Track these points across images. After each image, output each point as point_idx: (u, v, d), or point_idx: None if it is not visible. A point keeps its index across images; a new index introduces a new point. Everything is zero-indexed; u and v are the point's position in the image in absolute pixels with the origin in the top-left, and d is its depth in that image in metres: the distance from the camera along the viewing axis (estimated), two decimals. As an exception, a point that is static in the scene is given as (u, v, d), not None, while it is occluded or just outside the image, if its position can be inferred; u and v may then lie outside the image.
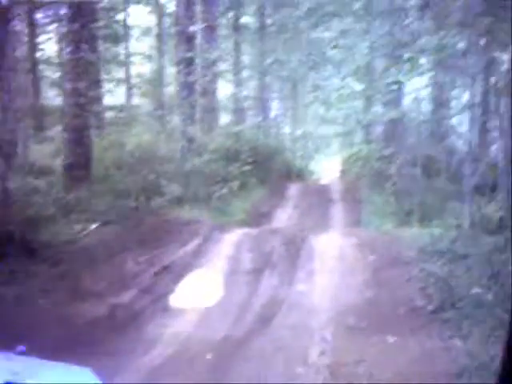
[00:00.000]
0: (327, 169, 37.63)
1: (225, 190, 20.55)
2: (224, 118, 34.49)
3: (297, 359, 9.96)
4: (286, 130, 39.91)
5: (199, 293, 13.20)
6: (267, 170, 26.50)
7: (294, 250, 15.37)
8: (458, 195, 18.51)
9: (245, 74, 34.59)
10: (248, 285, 13.54)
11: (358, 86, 28.46)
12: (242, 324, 11.64)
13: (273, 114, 39.03)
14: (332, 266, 14.41)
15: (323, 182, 32.52)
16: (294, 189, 26.64)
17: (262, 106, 34.72)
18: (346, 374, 9.43)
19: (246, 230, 17.65)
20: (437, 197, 19.90)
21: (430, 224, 17.89)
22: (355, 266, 14.22)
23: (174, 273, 14.09)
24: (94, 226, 17.01)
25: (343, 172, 33.36)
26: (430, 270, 13.05)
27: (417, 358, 9.84)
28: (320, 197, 25.00)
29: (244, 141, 26.57)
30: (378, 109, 28.18)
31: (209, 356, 10.12)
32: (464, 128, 22.47)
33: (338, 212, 22.46)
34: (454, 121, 25.37)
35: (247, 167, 24.03)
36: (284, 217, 21.75)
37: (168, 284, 13.54)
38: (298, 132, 38.29)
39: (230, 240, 16.31)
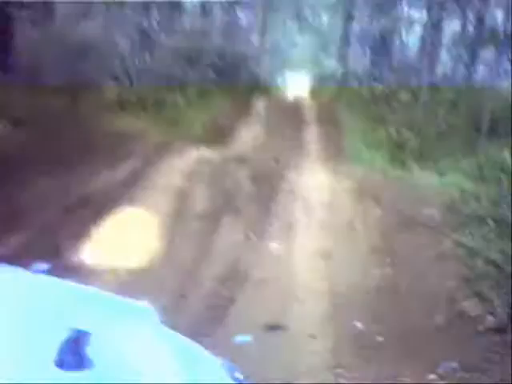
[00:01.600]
0: (297, 86, 32.38)
1: (179, 98, 15.00)
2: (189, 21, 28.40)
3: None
4: (255, 39, 34.01)
5: (124, 246, 7.96)
6: (231, 80, 21.02)
7: (267, 189, 10.29)
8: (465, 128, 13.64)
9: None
10: (198, 237, 8.47)
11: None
12: (179, 309, 6.53)
13: (242, 21, 33.06)
14: (321, 220, 9.41)
15: (293, 99, 27.30)
16: (260, 104, 21.33)
17: (231, 11, 28.66)
18: None
19: (202, 152, 12.43)
20: (438, 129, 14.96)
21: (436, 165, 13.00)
22: (356, 226, 9.21)
23: (92, 210, 8.84)
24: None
25: (315, 92, 28.09)
26: (470, 247, 8.11)
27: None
28: (291, 116, 19.73)
29: (209, 44, 20.95)
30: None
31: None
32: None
33: (314, 137, 17.18)
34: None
35: (209, 73, 18.54)
36: (250, 138, 16.46)
37: (80, 227, 8.31)
38: (267, 43, 32.52)
39: (180, 166, 11.11)
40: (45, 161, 10.03)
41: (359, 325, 6.64)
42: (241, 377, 2.37)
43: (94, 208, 8.87)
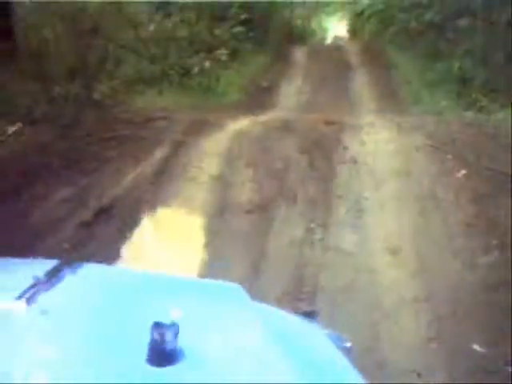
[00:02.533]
0: (333, 27, 30.11)
1: (207, 63, 13.04)
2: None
3: None
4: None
5: (158, 254, 6.22)
6: (264, 32, 18.94)
7: (323, 162, 8.40)
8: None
9: None
10: (248, 238, 6.71)
11: None
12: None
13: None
14: (397, 194, 7.50)
15: (333, 43, 25.15)
16: (299, 53, 19.28)
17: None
18: None
19: (240, 123, 10.57)
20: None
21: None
22: (442, 197, 7.29)
23: (118, 217, 7.13)
24: (12, 128, 10.04)
25: (353, 31, 25.81)
26: None
27: None
28: (334, 63, 17.67)
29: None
30: None
31: None
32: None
33: (363, 84, 15.12)
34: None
35: (239, 28, 16.49)
36: (293, 96, 14.53)
37: (105, 238, 6.63)
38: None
39: (215, 146, 9.25)
40: (58, 162, 8.42)
41: (478, 348, 4.87)
42: (349, 346, 2.21)
43: (119, 216, 7.18)
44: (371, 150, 8.68)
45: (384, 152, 8.61)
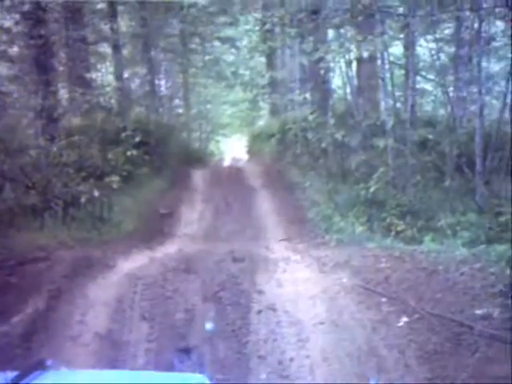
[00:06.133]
0: (230, 149, 29.27)
1: (96, 191, 11.26)
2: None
3: None
4: (178, 110, 30.55)
5: None
6: (160, 155, 17.50)
7: (237, 312, 6.73)
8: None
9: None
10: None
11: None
12: None
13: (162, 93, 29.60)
14: (329, 356, 5.87)
15: (232, 164, 24.10)
16: (199, 176, 17.91)
17: (150, 83, 25.03)
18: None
19: (135, 260, 8.88)
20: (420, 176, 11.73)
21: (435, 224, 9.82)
22: (388, 354, 5.75)
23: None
24: None
25: (252, 152, 24.83)
26: None
27: None
28: (235, 185, 16.36)
29: (128, 119, 17.45)
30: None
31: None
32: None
33: (270, 208, 13.71)
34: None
35: (134, 152, 14.95)
36: (196, 221, 12.98)
37: None
38: (193, 111, 29.24)
39: (104, 292, 7.46)
40: None
41: None
42: None
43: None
44: (291, 294, 7.10)
45: (306, 296, 7.03)
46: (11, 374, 2.08)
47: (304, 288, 7.27)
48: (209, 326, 5.59)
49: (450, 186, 11.25)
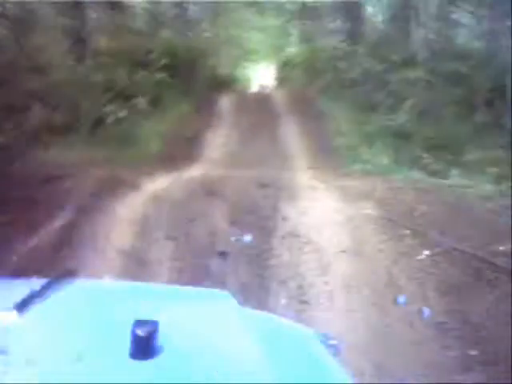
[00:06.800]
0: (259, 76, 28.88)
1: (123, 112, 11.26)
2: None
3: None
4: (207, 34, 30.09)
5: None
6: (188, 79, 17.38)
7: (261, 237, 6.76)
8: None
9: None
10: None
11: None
12: None
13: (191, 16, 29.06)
14: (350, 283, 5.91)
15: (259, 91, 23.87)
16: (225, 101, 17.83)
17: (178, 5, 24.53)
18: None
19: (160, 181, 8.97)
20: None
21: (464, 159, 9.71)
22: (406, 285, 5.77)
23: None
24: None
25: (281, 80, 24.56)
26: None
27: None
28: (262, 112, 16.23)
29: (157, 41, 17.26)
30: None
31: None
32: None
33: (296, 136, 13.62)
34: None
35: (161, 75, 14.83)
36: (221, 146, 13.00)
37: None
38: (221, 36, 28.75)
39: (130, 211, 7.56)
40: None
41: None
42: (335, 343, 2.18)
43: None
44: (314, 222, 7.13)
45: (329, 225, 7.06)
46: (40, 282, 2.12)
47: (328, 217, 7.29)
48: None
49: (480, 121, 11.10)
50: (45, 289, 2.02)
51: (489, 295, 5.45)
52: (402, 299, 5.51)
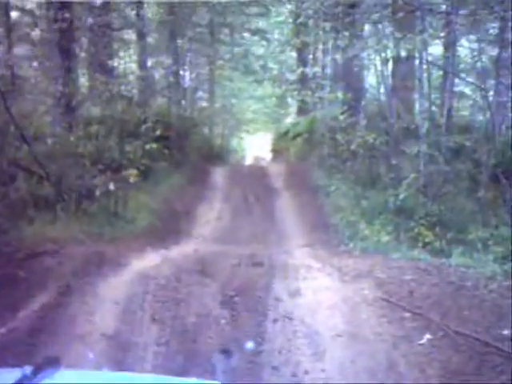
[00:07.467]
0: (254, 147, 29.31)
1: (113, 184, 11.37)
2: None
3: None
4: (202, 103, 30.59)
5: None
6: (181, 150, 17.64)
7: (253, 319, 6.71)
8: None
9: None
10: None
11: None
12: None
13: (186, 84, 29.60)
14: (347, 371, 5.82)
15: (254, 163, 24.17)
16: (219, 174, 18.03)
17: (174, 74, 25.05)
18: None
19: (148, 259, 8.96)
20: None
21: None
22: (408, 373, 5.70)
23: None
24: None
25: (277, 151, 24.86)
26: None
27: None
28: (257, 186, 16.40)
29: (150, 112, 17.50)
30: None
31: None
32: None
33: (292, 212, 13.77)
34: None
35: (153, 145, 15.00)
36: (214, 221, 13.07)
37: None
38: (217, 105, 29.21)
39: (115, 292, 7.54)
40: None
41: None
42: None
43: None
44: (309, 304, 7.11)
45: (325, 306, 7.04)
46: (21, 371, 2.10)
47: (324, 298, 7.28)
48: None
49: (484, 197, 11.20)
50: (27, 379, 2.01)
51: (494, 381, 5.40)
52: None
